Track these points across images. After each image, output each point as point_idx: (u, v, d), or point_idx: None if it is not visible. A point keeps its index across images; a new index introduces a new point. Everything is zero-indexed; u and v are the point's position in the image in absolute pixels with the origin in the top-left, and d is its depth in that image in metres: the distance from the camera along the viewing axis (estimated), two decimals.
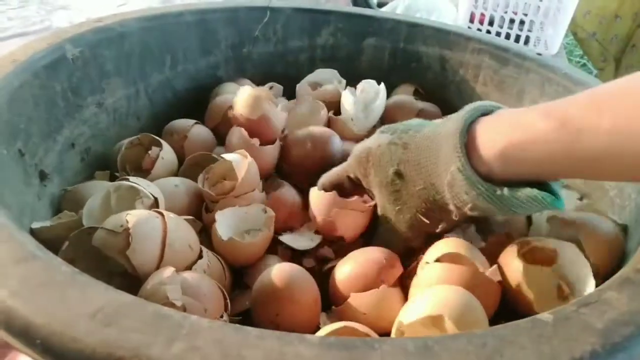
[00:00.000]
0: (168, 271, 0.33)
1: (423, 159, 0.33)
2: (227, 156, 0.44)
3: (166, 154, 0.48)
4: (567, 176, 0.30)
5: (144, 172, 0.47)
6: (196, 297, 0.32)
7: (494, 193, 0.29)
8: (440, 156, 0.31)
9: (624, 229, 0.38)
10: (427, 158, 0.33)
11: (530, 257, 0.35)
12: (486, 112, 0.32)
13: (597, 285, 0.30)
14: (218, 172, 0.46)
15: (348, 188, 0.41)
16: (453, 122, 0.31)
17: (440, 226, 0.35)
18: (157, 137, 0.50)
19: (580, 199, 0.45)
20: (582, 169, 0.27)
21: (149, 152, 0.49)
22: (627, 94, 0.24)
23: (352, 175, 0.40)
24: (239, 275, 0.41)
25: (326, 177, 0.43)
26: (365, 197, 0.42)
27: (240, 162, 0.43)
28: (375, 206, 0.41)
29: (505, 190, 0.29)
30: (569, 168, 0.27)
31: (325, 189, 0.41)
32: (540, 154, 0.27)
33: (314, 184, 0.44)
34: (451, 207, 0.32)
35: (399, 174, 0.35)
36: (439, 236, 0.37)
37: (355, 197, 0.41)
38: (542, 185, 0.30)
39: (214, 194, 0.43)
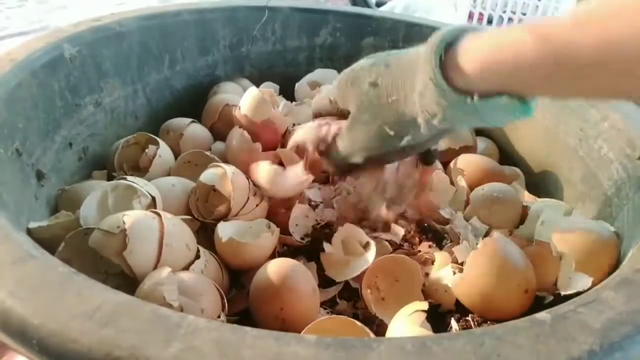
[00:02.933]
0: (165, 272, 0.33)
1: (401, 74, 0.34)
2: (207, 173, 0.43)
3: (163, 152, 0.48)
4: (548, 93, 0.30)
5: (142, 171, 0.47)
6: (193, 298, 0.32)
7: (464, 101, 0.29)
8: (418, 71, 0.32)
9: (617, 234, 0.38)
10: (405, 73, 0.33)
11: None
12: (466, 33, 0.31)
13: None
14: (203, 190, 0.45)
15: (328, 111, 0.42)
16: (432, 39, 0.31)
17: (405, 139, 0.35)
18: (154, 136, 0.50)
19: (570, 212, 0.45)
20: (565, 85, 0.27)
21: (146, 150, 0.49)
22: (613, 13, 0.23)
23: (332, 98, 0.40)
24: (236, 276, 0.41)
25: (314, 105, 0.44)
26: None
27: (223, 179, 0.43)
28: None
29: (476, 98, 0.29)
30: (552, 84, 0.27)
31: (314, 116, 0.43)
32: (521, 69, 0.27)
33: None
34: (420, 119, 0.33)
35: (374, 84, 0.35)
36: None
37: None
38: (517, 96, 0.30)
39: (210, 220, 0.42)
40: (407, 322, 0.32)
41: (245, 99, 0.50)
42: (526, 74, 0.27)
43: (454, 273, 0.37)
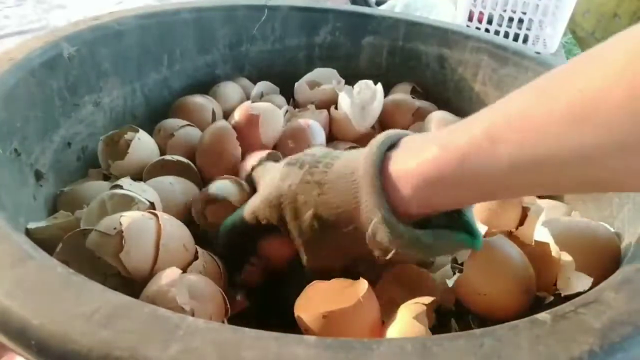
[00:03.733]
0: (174, 273, 0.33)
1: (341, 203, 0.31)
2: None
3: (143, 137, 0.49)
4: (481, 201, 0.31)
5: (121, 157, 0.47)
6: (201, 301, 0.32)
7: (418, 240, 0.29)
8: (360, 201, 0.30)
9: (618, 234, 0.38)
10: (346, 202, 0.31)
11: None
12: (393, 143, 0.31)
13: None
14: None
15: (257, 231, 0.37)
16: (365, 158, 0.30)
17: (364, 268, 0.34)
18: (133, 126, 0.50)
19: (569, 213, 0.45)
20: (491, 195, 0.29)
21: (125, 136, 0.49)
22: (522, 118, 0.24)
23: (263, 222, 0.36)
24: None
25: (237, 219, 0.38)
26: None
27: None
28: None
29: (426, 236, 0.29)
30: (479, 196, 0.28)
31: (230, 240, 0.39)
32: (445, 189, 0.27)
33: None
34: (376, 253, 0.31)
35: (318, 219, 0.32)
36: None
37: None
38: (459, 219, 0.30)
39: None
40: (404, 312, 0.32)
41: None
42: (448, 187, 0.27)
43: (454, 273, 0.37)
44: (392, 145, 0.31)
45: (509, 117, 0.25)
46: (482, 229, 0.44)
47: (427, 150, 0.28)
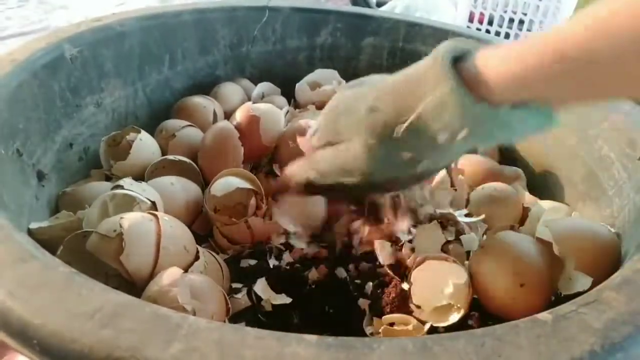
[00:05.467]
0: (176, 272, 0.33)
1: (404, 94, 0.29)
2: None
3: (144, 137, 0.49)
4: (577, 99, 0.28)
5: (123, 157, 0.47)
6: (202, 301, 0.32)
7: (492, 112, 0.27)
8: (427, 88, 0.28)
9: (618, 234, 0.38)
10: (409, 92, 0.29)
11: None
12: (463, 52, 0.29)
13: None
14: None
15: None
16: (431, 57, 0.29)
17: (422, 163, 0.31)
18: (135, 127, 0.50)
19: (570, 215, 0.45)
20: (591, 93, 0.27)
21: (127, 136, 0.49)
22: (621, 15, 0.23)
23: (322, 140, 0.35)
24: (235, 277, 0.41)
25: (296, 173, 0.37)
26: None
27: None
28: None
29: (503, 109, 0.27)
30: (579, 94, 0.27)
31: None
32: (537, 83, 0.26)
33: None
34: (441, 139, 0.29)
35: (373, 109, 0.30)
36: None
37: None
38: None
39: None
40: None
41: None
42: (549, 81, 0.26)
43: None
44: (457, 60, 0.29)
45: (607, 15, 0.23)
46: (482, 227, 0.45)
47: (521, 43, 0.26)
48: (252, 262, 0.42)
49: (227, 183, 0.44)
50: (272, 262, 0.42)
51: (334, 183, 0.34)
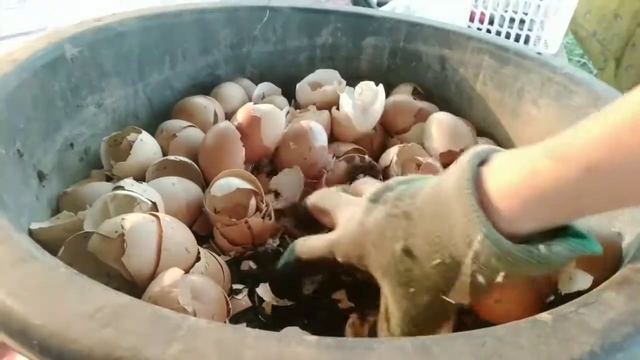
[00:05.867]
0: (177, 273, 0.33)
1: (434, 229, 0.28)
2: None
3: (145, 137, 0.49)
4: (598, 213, 0.26)
5: (124, 157, 0.47)
6: (204, 302, 0.32)
7: (531, 254, 0.25)
8: (455, 222, 0.27)
9: (618, 234, 0.38)
10: (439, 227, 0.28)
11: None
12: (483, 159, 0.28)
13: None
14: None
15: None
16: (455, 177, 0.27)
17: (465, 303, 0.29)
18: (136, 127, 0.50)
19: None
20: (614, 205, 0.26)
21: (128, 137, 0.49)
22: None
23: (340, 259, 0.33)
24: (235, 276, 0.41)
25: (307, 249, 0.36)
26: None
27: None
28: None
29: (542, 248, 0.25)
30: (600, 207, 0.26)
31: (306, 261, 0.36)
32: (565, 200, 0.25)
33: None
34: (480, 279, 0.27)
35: (408, 252, 0.29)
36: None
37: None
38: (566, 230, 0.27)
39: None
40: None
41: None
42: (568, 200, 0.24)
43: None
44: (484, 162, 0.28)
45: (635, 117, 0.22)
46: None
47: (535, 162, 0.25)
48: (253, 264, 0.42)
49: (227, 184, 0.44)
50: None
51: None
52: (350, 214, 0.34)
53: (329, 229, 0.36)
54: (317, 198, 0.40)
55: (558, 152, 0.24)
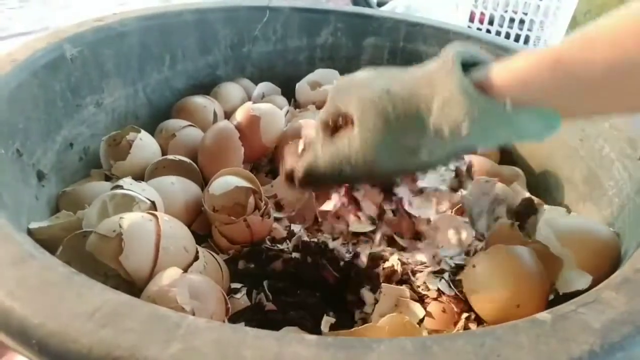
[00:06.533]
0: (175, 273, 0.33)
1: (416, 84, 0.31)
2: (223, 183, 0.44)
3: (144, 137, 0.49)
4: (572, 111, 0.29)
5: (124, 157, 0.47)
6: (202, 301, 0.32)
7: (498, 108, 0.28)
8: (437, 83, 0.30)
9: (618, 234, 0.38)
10: (421, 83, 0.31)
11: None
12: (469, 59, 0.31)
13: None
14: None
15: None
16: (441, 59, 0.30)
17: (423, 154, 0.32)
18: (135, 127, 0.50)
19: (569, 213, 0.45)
20: (584, 104, 0.28)
21: (127, 136, 0.49)
22: (620, 27, 0.24)
23: (330, 116, 0.35)
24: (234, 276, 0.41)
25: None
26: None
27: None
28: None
29: (508, 104, 0.27)
30: (573, 104, 0.28)
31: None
32: (538, 92, 0.27)
33: None
34: (444, 131, 0.30)
35: (387, 91, 0.32)
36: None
37: None
38: None
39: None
40: None
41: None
42: (546, 92, 0.27)
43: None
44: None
45: (600, 28, 0.25)
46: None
47: (518, 59, 0.27)
48: (251, 264, 0.42)
49: (226, 182, 0.44)
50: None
51: (336, 174, 0.34)
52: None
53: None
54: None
55: (539, 52, 0.27)
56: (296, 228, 0.46)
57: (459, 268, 0.41)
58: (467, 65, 0.30)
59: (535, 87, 0.27)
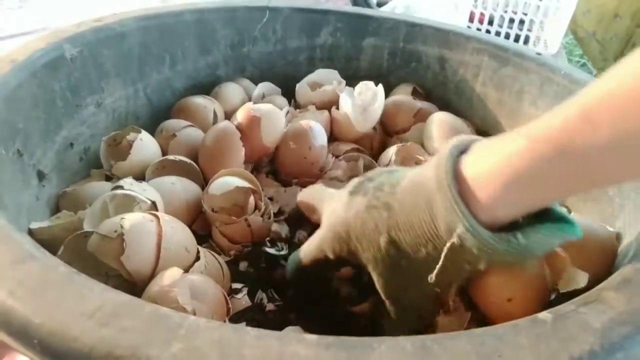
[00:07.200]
0: (176, 273, 0.33)
1: (415, 221, 0.28)
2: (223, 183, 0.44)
3: (145, 137, 0.49)
4: (573, 194, 0.28)
5: (124, 157, 0.47)
6: (203, 301, 0.32)
7: (509, 243, 0.26)
8: (436, 214, 0.27)
9: (618, 234, 0.38)
10: (420, 219, 0.28)
11: None
12: (463, 149, 0.28)
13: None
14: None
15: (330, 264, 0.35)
16: (434, 168, 0.27)
17: (453, 288, 0.31)
18: (135, 127, 0.50)
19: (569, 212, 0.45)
20: (587, 185, 0.26)
21: (127, 136, 0.49)
22: (618, 97, 0.22)
23: (331, 256, 0.33)
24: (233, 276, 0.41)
25: (304, 255, 0.36)
26: None
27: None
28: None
29: (520, 237, 0.26)
30: (574, 188, 0.26)
31: (305, 266, 0.36)
32: (540, 183, 0.25)
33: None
34: (466, 266, 0.28)
35: (393, 243, 0.29)
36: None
37: None
38: (547, 215, 0.27)
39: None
40: None
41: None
42: (543, 181, 0.24)
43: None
44: (463, 152, 0.28)
45: (603, 97, 0.22)
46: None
47: (511, 145, 0.25)
48: (250, 267, 0.43)
49: (226, 182, 0.44)
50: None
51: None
52: (333, 207, 0.34)
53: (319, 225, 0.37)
54: (304, 195, 0.41)
55: (534, 133, 0.24)
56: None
57: None
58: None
59: (531, 181, 0.25)
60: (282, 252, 0.44)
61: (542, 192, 0.25)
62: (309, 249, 0.35)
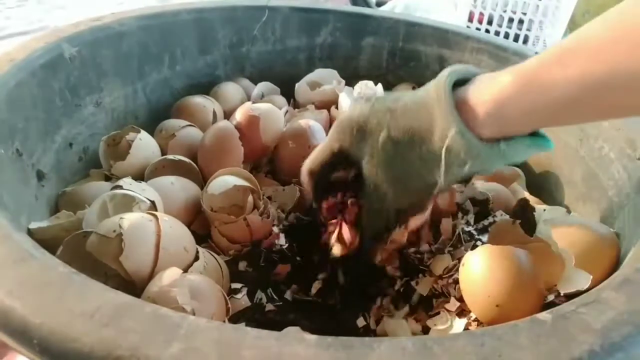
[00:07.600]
0: (175, 273, 0.33)
1: (414, 123, 0.33)
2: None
3: (144, 137, 0.49)
4: (548, 125, 0.32)
5: (123, 157, 0.47)
6: (202, 301, 0.32)
7: (492, 148, 0.31)
8: (434, 120, 0.32)
9: (618, 234, 0.38)
10: (419, 122, 0.33)
11: None
12: (463, 76, 0.33)
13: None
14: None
15: (334, 166, 0.39)
16: (436, 88, 0.32)
17: (436, 189, 0.35)
18: (135, 127, 0.50)
19: (569, 212, 0.45)
20: (559, 118, 0.30)
21: (126, 136, 0.49)
22: (589, 44, 0.26)
23: (336, 150, 0.37)
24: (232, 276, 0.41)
25: (311, 161, 0.40)
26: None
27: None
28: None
29: (502, 144, 0.31)
30: (547, 119, 0.30)
31: (313, 172, 0.39)
32: (516, 111, 0.29)
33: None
34: (447, 168, 0.33)
35: (391, 139, 0.34)
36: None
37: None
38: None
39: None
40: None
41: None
42: (518, 113, 0.29)
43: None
44: (460, 81, 0.32)
45: (578, 43, 0.26)
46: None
47: (500, 77, 0.30)
48: (250, 268, 0.43)
49: (224, 181, 0.44)
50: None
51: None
52: (342, 114, 0.38)
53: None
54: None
55: (517, 69, 0.29)
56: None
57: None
58: (463, 81, 0.32)
59: (511, 109, 0.29)
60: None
61: (519, 118, 0.30)
62: (317, 150, 0.39)
